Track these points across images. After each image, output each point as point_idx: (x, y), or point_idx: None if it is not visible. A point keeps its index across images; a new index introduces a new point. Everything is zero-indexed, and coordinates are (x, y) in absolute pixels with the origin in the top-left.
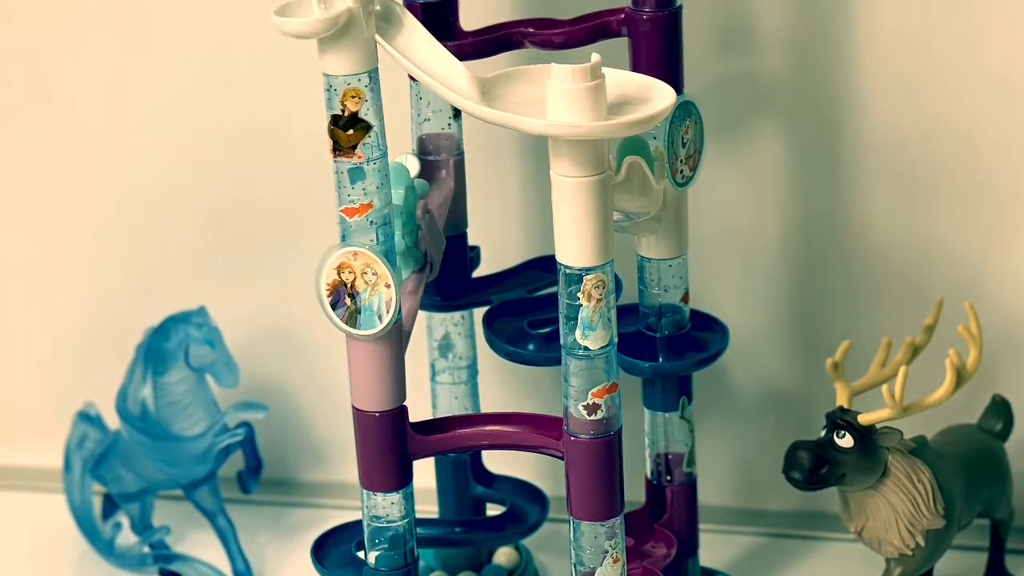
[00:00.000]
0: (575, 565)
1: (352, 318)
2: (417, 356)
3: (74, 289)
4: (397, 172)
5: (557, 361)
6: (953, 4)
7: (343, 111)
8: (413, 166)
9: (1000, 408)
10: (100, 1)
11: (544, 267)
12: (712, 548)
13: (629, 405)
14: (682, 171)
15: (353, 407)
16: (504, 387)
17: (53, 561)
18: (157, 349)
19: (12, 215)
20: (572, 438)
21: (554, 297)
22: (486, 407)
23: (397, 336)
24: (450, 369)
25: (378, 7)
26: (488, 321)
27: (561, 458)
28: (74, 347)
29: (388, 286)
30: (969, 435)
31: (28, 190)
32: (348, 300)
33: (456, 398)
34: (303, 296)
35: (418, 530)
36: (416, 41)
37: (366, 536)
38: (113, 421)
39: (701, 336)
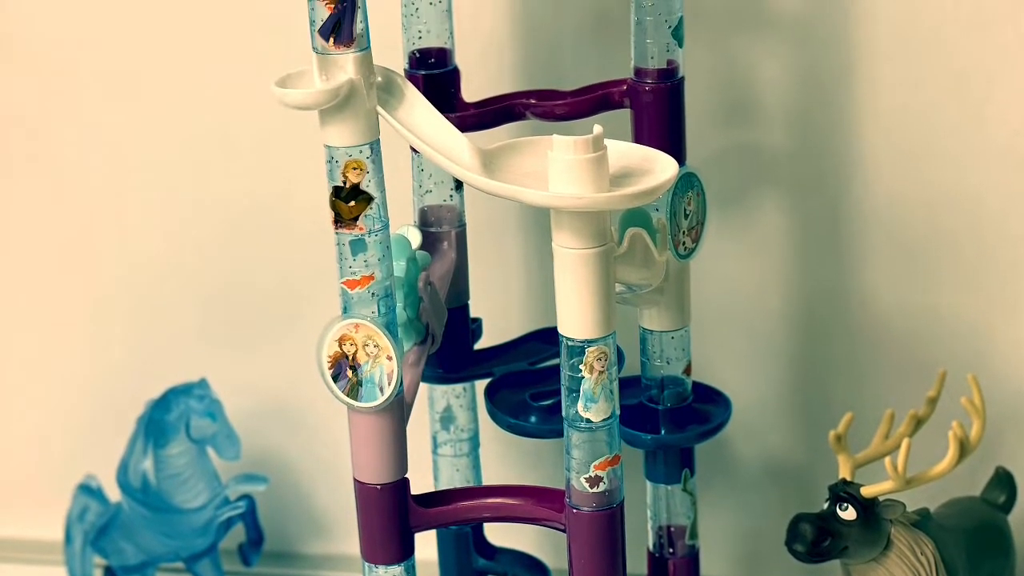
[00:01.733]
0: None
1: (354, 390)
2: (419, 428)
3: (75, 360)
4: (399, 244)
5: (559, 433)
6: (955, 76)
7: (345, 182)
8: (415, 238)
9: (1003, 480)
10: (98, 74)
11: (546, 339)
12: None
13: (631, 477)
14: (684, 243)
15: (355, 479)
16: (506, 459)
17: None
18: (158, 421)
19: (13, 284)
20: (574, 511)
21: (556, 369)
22: (488, 479)
23: (399, 408)
24: (452, 441)
25: (379, 78)
26: (490, 393)
27: (563, 531)
28: (75, 419)
29: (390, 358)
30: (972, 507)
31: (28, 260)
32: (350, 372)
33: (458, 470)
34: (304, 368)
35: None
36: (418, 112)
37: None
38: (114, 493)
39: (703, 408)
